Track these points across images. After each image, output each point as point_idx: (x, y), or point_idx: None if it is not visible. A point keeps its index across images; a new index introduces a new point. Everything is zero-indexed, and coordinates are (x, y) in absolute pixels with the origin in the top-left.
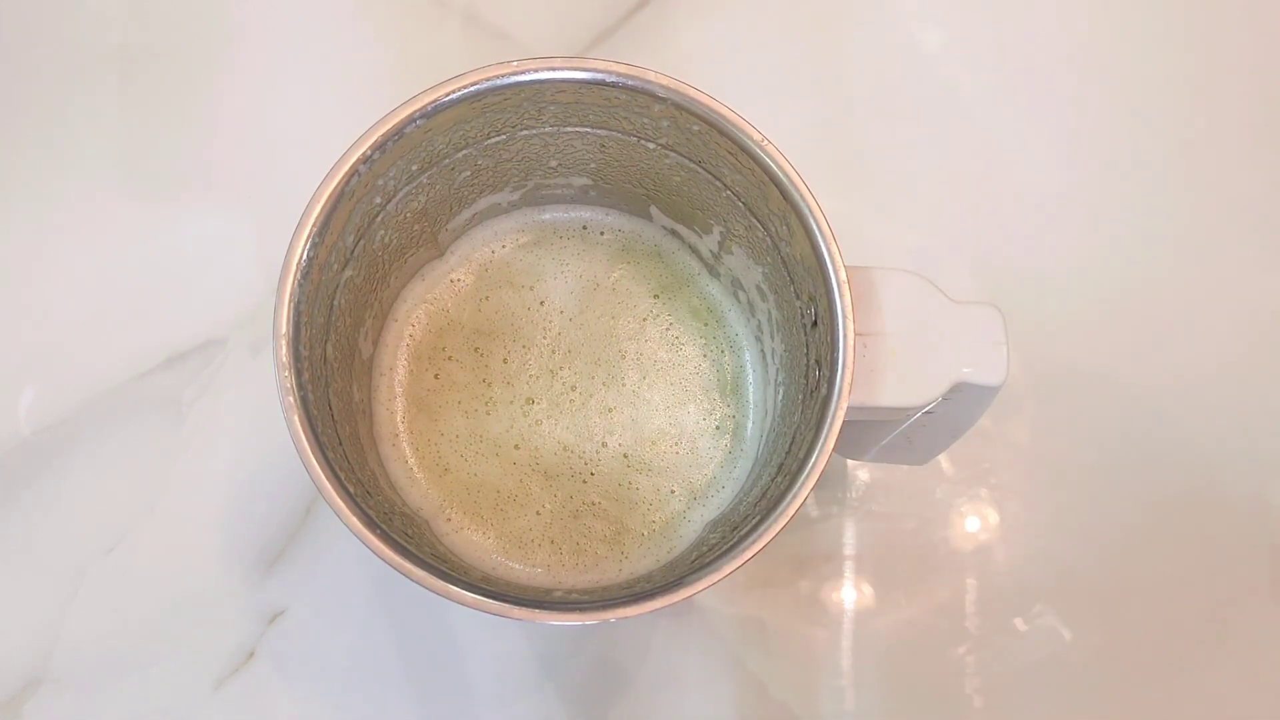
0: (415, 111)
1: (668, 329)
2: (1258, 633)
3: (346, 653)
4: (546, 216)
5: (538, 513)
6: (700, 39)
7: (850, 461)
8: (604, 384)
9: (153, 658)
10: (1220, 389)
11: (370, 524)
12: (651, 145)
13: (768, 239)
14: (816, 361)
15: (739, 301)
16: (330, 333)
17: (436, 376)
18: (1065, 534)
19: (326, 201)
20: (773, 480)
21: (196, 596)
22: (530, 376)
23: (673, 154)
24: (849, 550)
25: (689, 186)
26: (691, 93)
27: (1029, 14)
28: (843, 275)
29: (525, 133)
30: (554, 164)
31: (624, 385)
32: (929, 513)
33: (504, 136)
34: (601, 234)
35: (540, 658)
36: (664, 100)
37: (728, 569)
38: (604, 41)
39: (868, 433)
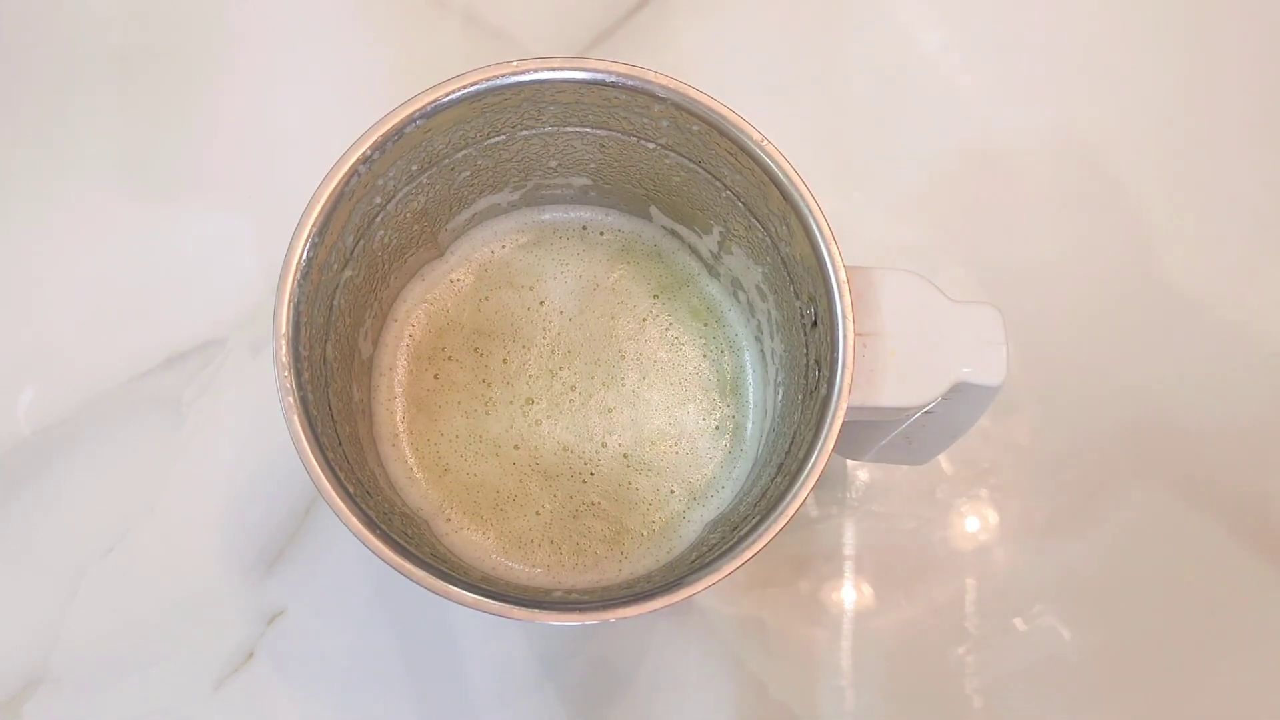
0: (415, 112)
1: (667, 329)
2: (1257, 632)
3: (346, 653)
4: (546, 217)
5: (537, 513)
6: (700, 39)
7: (850, 461)
8: (604, 384)
9: (152, 658)
10: (1220, 388)
11: (370, 524)
12: (651, 145)
13: (767, 239)
14: (816, 361)
15: (739, 302)
16: (330, 333)
17: (436, 377)
18: (1065, 534)
19: (326, 202)
20: (772, 480)
21: (196, 596)
22: (530, 377)
23: (672, 154)
24: (849, 550)
25: (689, 186)
26: (691, 93)
27: (1029, 14)
28: (842, 275)
29: (525, 133)
30: (554, 164)
31: (624, 385)
32: (929, 513)
33: (504, 137)
34: (601, 234)
35: (540, 658)
36: (664, 100)
37: (727, 569)
38: (604, 41)
39: (867, 433)
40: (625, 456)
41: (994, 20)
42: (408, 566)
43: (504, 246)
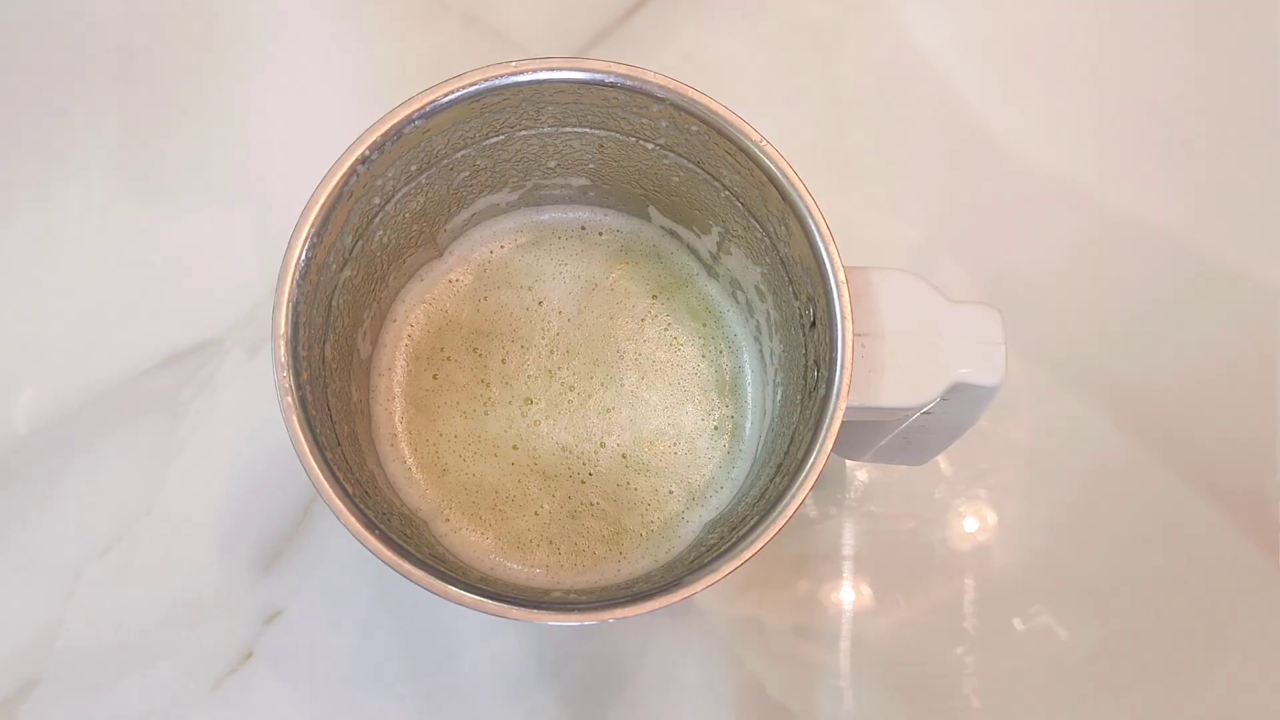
0: (414, 112)
1: (666, 329)
2: (1255, 631)
3: (344, 653)
4: (545, 217)
5: (536, 513)
6: (698, 39)
7: (849, 462)
8: (602, 384)
9: (150, 658)
10: (1217, 386)
11: (369, 524)
12: (650, 145)
13: (766, 239)
14: (815, 362)
15: (737, 302)
16: (329, 333)
17: (435, 377)
18: (1063, 533)
19: (325, 202)
20: (771, 480)
21: (194, 597)
22: (528, 377)
23: (671, 154)
24: (847, 551)
25: (687, 187)
26: (690, 93)
27: (1028, 13)
28: (841, 276)
29: (524, 133)
30: (552, 164)
31: (622, 385)
32: (927, 513)
33: (503, 137)
34: (600, 234)
35: (538, 658)
36: (662, 100)
37: (726, 569)
38: (602, 42)
39: (866, 433)
40: (624, 457)
41: (994, 20)
42: (406, 567)
43: (503, 247)
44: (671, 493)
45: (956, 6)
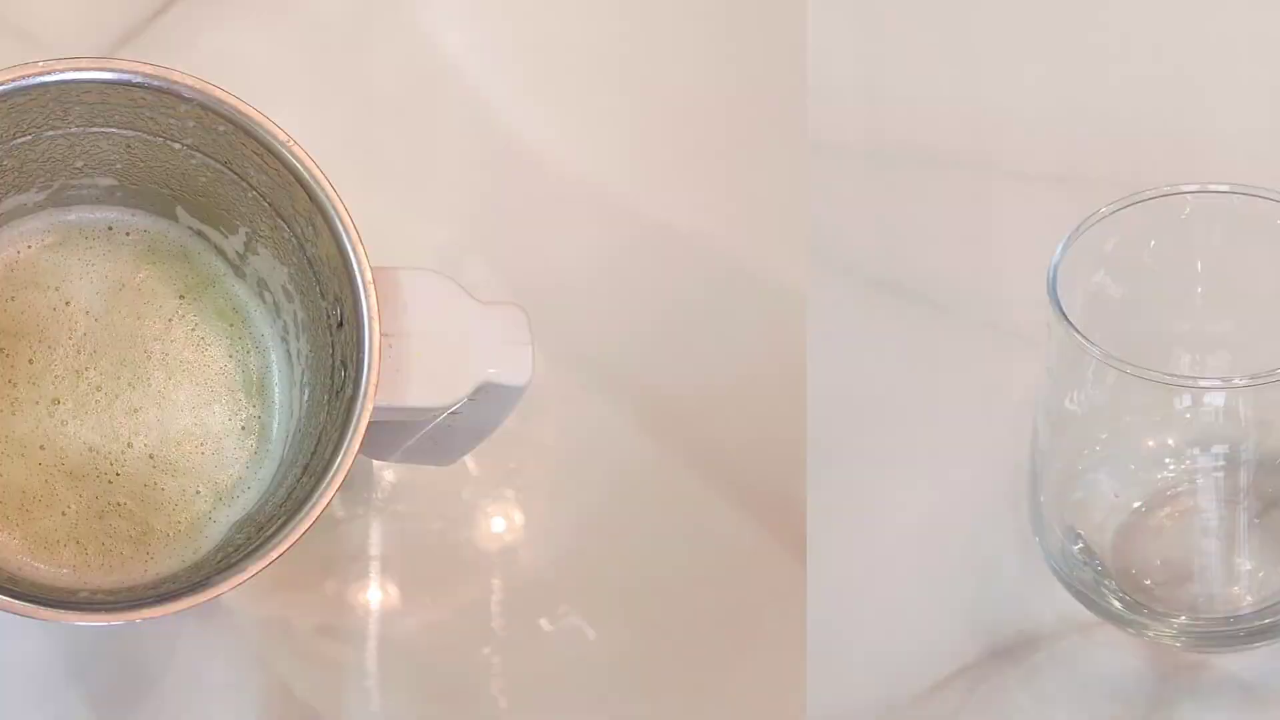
0: None
1: (194, 329)
2: (777, 631)
3: None
4: (72, 217)
5: (63, 513)
6: (228, 40)
7: (376, 462)
8: (130, 384)
9: None
10: (743, 388)
11: None
12: (178, 146)
13: (293, 239)
14: (342, 362)
15: (265, 302)
16: None
17: None
18: (591, 534)
19: None
20: (299, 481)
21: None
22: (55, 377)
23: (199, 154)
24: (375, 551)
25: (215, 187)
26: (217, 94)
27: (553, 17)
28: (368, 275)
29: (51, 133)
30: (80, 164)
31: (150, 386)
32: (455, 513)
33: (29, 137)
34: (127, 234)
35: (65, 660)
36: (190, 101)
37: (253, 569)
38: (131, 42)
39: (394, 433)
40: (151, 457)
41: (515, 23)
42: None
43: (30, 247)
44: (199, 493)
45: (480, 11)
